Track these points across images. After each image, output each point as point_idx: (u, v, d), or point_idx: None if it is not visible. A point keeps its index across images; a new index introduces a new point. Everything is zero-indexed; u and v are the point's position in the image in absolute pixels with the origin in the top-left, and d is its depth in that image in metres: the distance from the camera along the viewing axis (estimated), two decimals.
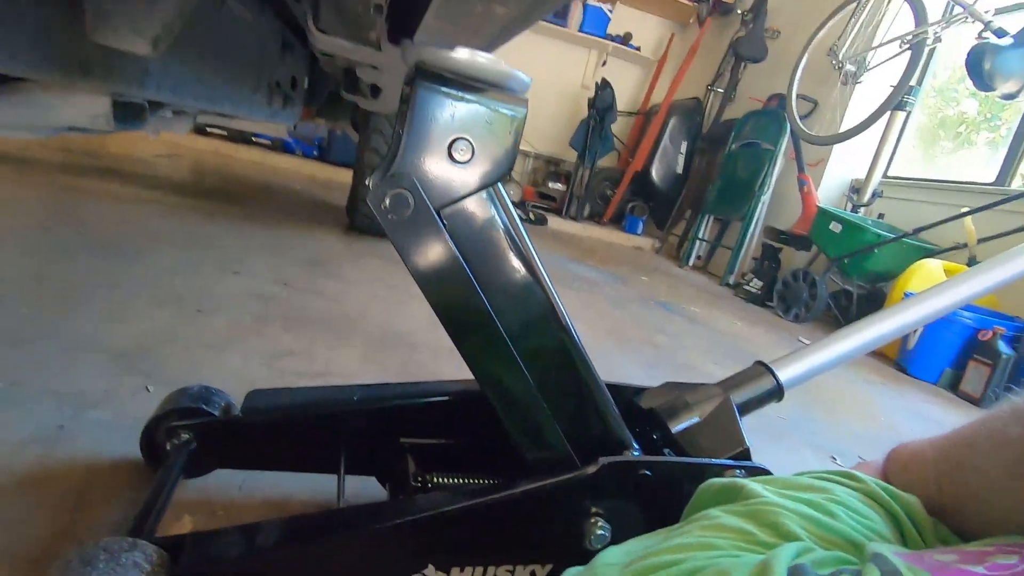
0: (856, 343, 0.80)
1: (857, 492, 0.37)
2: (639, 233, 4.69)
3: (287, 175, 3.64)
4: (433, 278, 0.53)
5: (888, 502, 0.37)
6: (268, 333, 1.14)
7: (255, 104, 0.94)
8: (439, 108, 0.48)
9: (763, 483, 0.39)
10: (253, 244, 1.80)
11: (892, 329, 0.80)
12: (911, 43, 2.80)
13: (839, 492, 0.37)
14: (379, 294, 1.58)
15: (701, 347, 1.94)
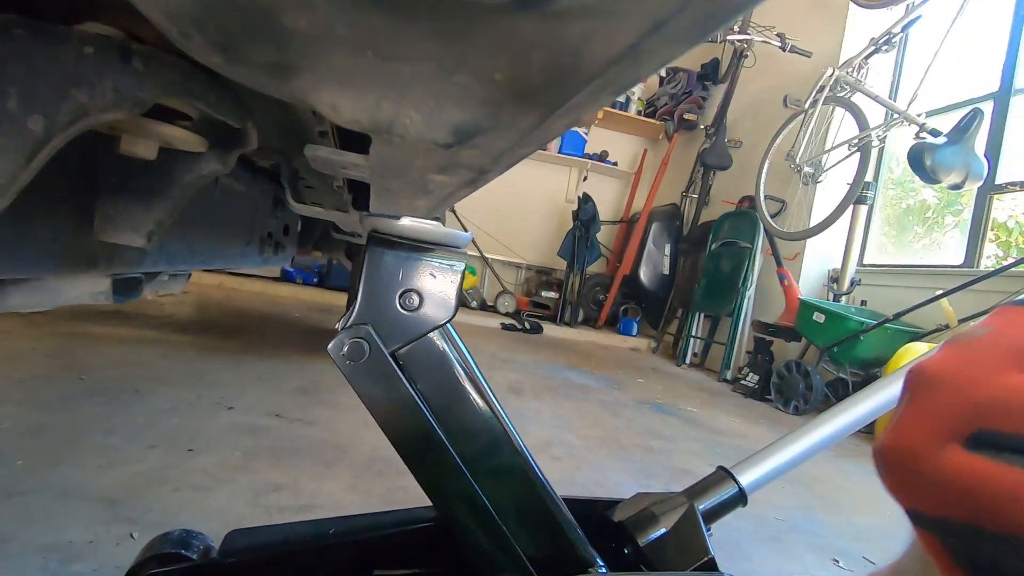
0: (817, 438, 0.83)
1: None
2: (634, 334, 4.75)
3: (287, 303, 3.79)
4: (391, 417, 0.59)
5: None
6: (256, 468, 1.17)
7: (247, 256, 1.04)
8: (389, 266, 0.57)
9: None
10: (249, 377, 1.86)
11: (856, 418, 0.83)
12: (858, 146, 3.06)
13: None
14: (370, 420, 1.59)
15: (697, 449, 1.92)
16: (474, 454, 0.63)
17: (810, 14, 3.98)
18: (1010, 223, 3.56)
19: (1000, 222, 3.42)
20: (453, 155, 0.24)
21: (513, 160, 0.27)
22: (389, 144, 0.24)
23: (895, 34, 3.03)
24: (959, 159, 2.52)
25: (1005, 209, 3.41)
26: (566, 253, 4.85)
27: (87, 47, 0.31)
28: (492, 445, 0.65)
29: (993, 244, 3.24)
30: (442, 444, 0.60)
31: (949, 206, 3.85)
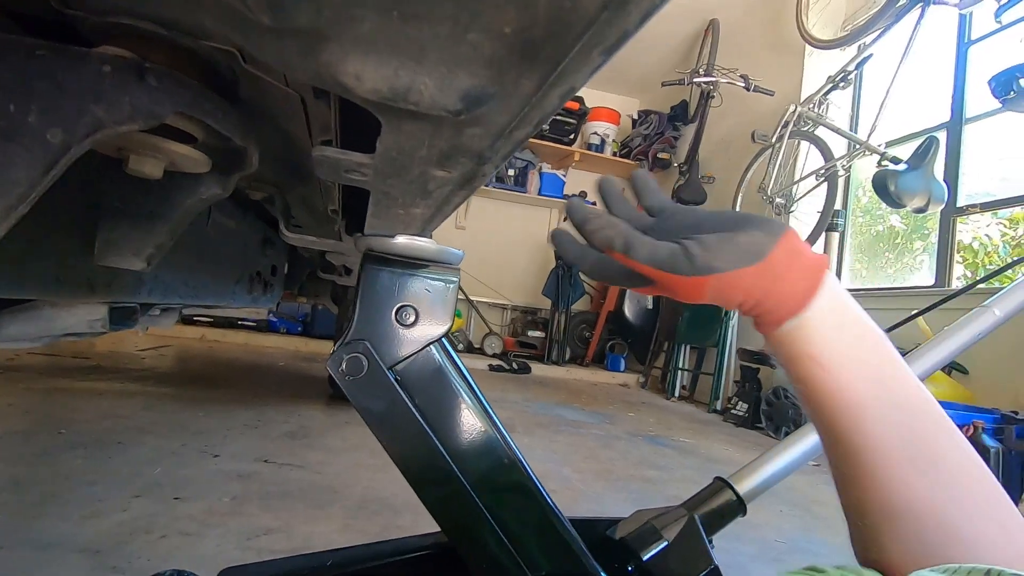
0: (808, 444, 0.84)
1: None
2: (622, 370, 4.75)
3: (272, 353, 3.74)
4: (390, 431, 0.59)
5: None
6: (246, 513, 1.13)
7: (237, 294, 1.05)
8: (384, 283, 0.59)
9: None
10: (235, 425, 1.82)
11: None
12: (825, 176, 3.19)
13: None
14: (362, 461, 1.57)
15: (693, 477, 1.91)
16: (475, 469, 0.63)
17: (770, 56, 4.21)
18: (975, 244, 3.70)
19: (965, 244, 3.56)
20: (456, 136, 0.26)
21: (509, 147, 0.29)
22: (399, 130, 0.27)
23: (850, 72, 3.22)
24: (920, 184, 2.64)
25: (969, 231, 3.56)
26: (550, 292, 4.89)
27: (105, 66, 0.33)
28: (493, 460, 0.65)
29: (960, 265, 3.36)
30: (443, 459, 0.60)
31: (916, 231, 3.99)
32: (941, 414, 0.38)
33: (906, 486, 0.36)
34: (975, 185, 3.39)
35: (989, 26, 2.71)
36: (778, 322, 0.38)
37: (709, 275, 0.37)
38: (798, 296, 0.37)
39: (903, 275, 3.71)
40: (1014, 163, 3.71)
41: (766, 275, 0.37)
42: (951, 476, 0.36)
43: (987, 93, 2.44)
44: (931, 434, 0.37)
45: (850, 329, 0.38)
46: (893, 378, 0.38)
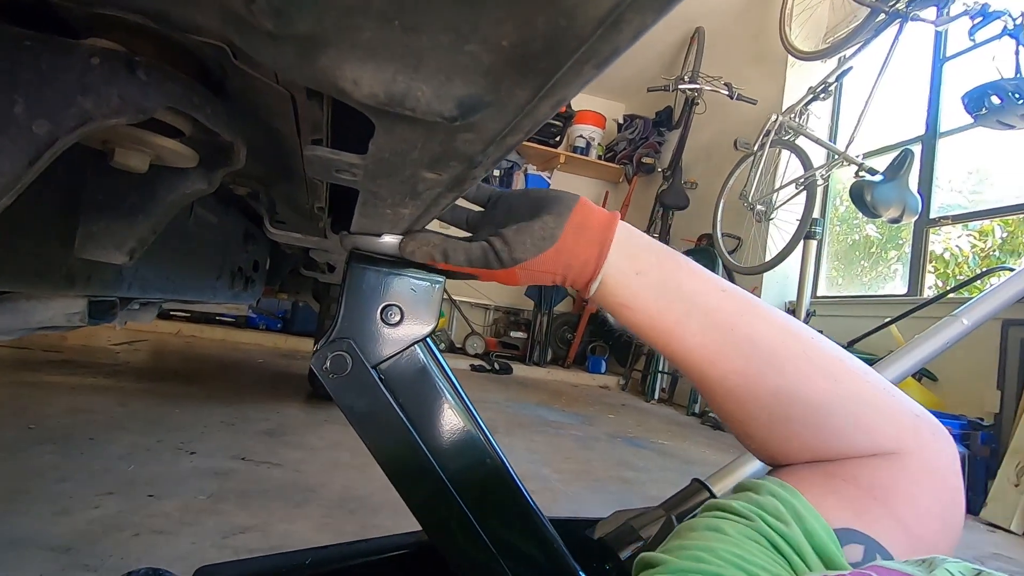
0: None
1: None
2: (603, 372, 4.79)
3: (251, 349, 3.69)
4: (373, 429, 0.59)
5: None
6: (222, 511, 1.12)
7: (218, 290, 1.04)
8: (370, 282, 0.59)
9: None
10: (212, 421, 1.80)
11: None
12: (804, 184, 3.25)
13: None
14: (341, 459, 1.56)
15: (672, 479, 1.93)
16: (458, 468, 0.63)
17: (754, 65, 4.28)
18: (946, 255, 3.81)
19: (937, 254, 3.67)
20: (449, 141, 0.27)
21: (500, 153, 0.30)
22: (392, 133, 0.27)
23: (830, 83, 3.29)
24: (895, 195, 2.71)
25: (940, 242, 3.66)
26: (533, 293, 4.91)
27: (94, 58, 0.33)
28: (475, 460, 0.65)
29: (932, 275, 3.45)
30: (426, 458, 0.61)
31: (891, 241, 4.09)
32: (747, 301, 0.43)
33: (739, 375, 0.41)
34: (947, 197, 3.50)
35: (964, 44, 2.80)
36: (585, 287, 0.45)
37: (515, 266, 0.44)
38: (591, 263, 0.43)
39: (878, 283, 3.80)
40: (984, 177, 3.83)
41: (561, 255, 0.44)
42: (772, 351, 0.41)
43: (960, 109, 2.51)
44: (742, 322, 0.42)
45: (646, 270, 0.44)
46: (694, 292, 0.43)
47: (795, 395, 0.39)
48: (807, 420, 0.39)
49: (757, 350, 0.41)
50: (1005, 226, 3.72)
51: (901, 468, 0.38)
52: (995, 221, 3.67)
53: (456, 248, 0.47)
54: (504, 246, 0.44)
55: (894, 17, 2.90)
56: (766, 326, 0.42)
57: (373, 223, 0.53)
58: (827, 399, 0.39)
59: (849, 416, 0.39)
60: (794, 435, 0.40)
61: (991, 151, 3.58)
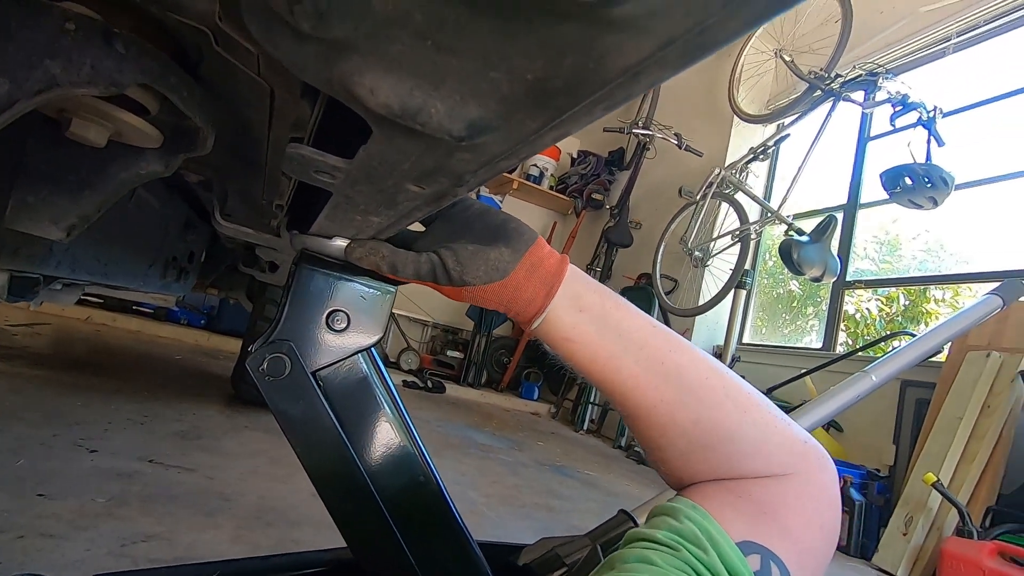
0: None
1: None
2: (535, 399, 4.81)
3: (169, 345, 3.46)
4: (305, 437, 0.57)
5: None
6: (123, 516, 1.03)
7: (149, 278, 0.98)
8: (318, 285, 0.57)
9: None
10: (118, 418, 1.66)
11: None
12: (739, 237, 3.46)
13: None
14: (260, 468, 1.48)
15: (595, 509, 1.95)
16: (390, 485, 0.62)
17: (703, 120, 4.54)
18: (857, 316, 4.14)
19: (850, 315, 3.97)
20: (444, 158, 0.27)
21: (490, 174, 0.31)
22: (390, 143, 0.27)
23: (769, 146, 3.54)
24: (818, 256, 2.92)
25: (853, 304, 3.97)
26: (474, 314, 4.90)
27: (69, 23, 0.32)
28: (409, 477, 0.64)
29: (844, 333, 3.73)
30: (358, 471, 0.59)
31: (810, 298, 4.40)
32: (675, 338, 0.47)
33: (666, 404, 0.44)
34: (861, 264, 3.81)
35: (885, 127, 3.09)
36: (527, 322, 0.46)
37: (462, 287, 0.45)
38: (538, 301, 0.45)
39: (797, 336, 4.06)
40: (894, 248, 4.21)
41: (507, 289, 0.45)
42: (696, 383, 0.45)
43: (878, 185, 2.77)
44: (671, 357, 0.45)
45: (588, 307, 0.46)
46: (631, 328, 0.46)
47: (712, 424, 0.43)
48: (719, 447, 0.43)
49: (683, 382, 0.44)
50: (908, 295, 4.10)
51: (790, 486, 0.43)
52: (900, 289, 4.03)
53: (405, 260, 0.47)
54: (456, 265, 0.45)
55: (829, 95, 3.17)
56: (691, 361, 0.46)
57: (338, 227, 0.53)
58: (737, 428, 0.44)
59: (753, 443, 0.44)
60: (705, 460, 0.44)
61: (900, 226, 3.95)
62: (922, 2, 3.28)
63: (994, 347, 2.28)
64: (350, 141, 0.34)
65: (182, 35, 0.41)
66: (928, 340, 1.12)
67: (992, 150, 3.05)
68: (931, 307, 4.04)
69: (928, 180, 2.57)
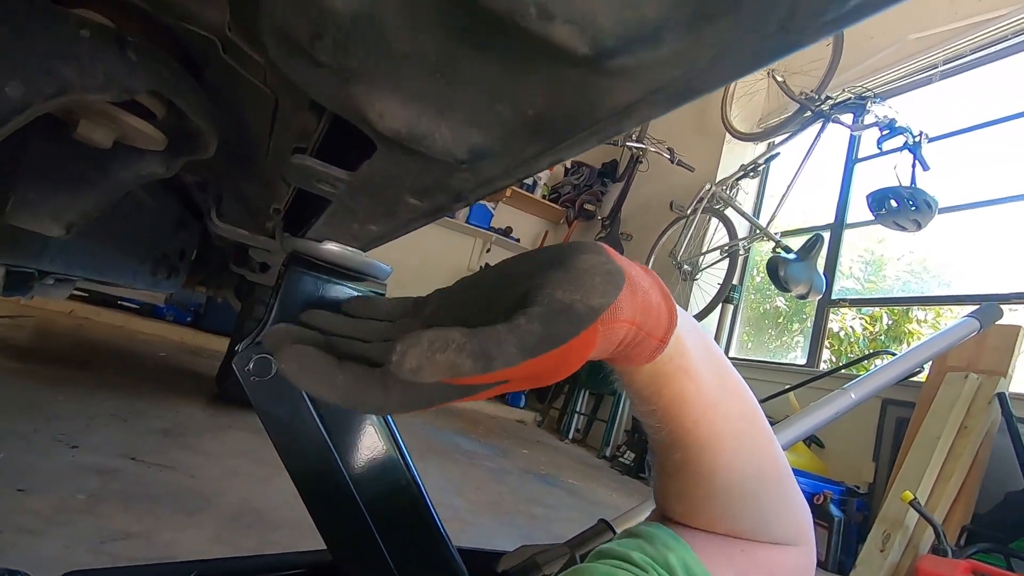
0: None
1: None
2: (521, 406, 4.81)
3: (153, 341, 3.42)
4: (289, 438, 0.57)
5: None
6: (103, 513, 1.02)
7: (140, 274, 0.98)
8: (307, 287, 0.58)
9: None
10: (100, 414, 1.65)
11: None
12: (728, 252, 3.50)
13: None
14: (241, 469, 1.47)
15: (577, 518, 1.96)
16: (372, 488, 0.63)
17: (695, 135, 4.61)
18: (841, 334, 4.20)
19: (834, 332, 4.03)
20: (444, 177, 0.29)
21: (486, 191, 0.32)
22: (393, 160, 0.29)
23: (760, 164, 3.60)
24: (805, 274, 2.97)
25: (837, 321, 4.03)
26: None
27: (84, 31, 0.33)
28: (391, 481, 0.65)
29: (828, 350, 3.78)
30: (340, 474, 0.60)
31: (796, 315, 4.46)
32: (753, 401, 0.41)
33: (731, 469, 0.38)
34: (846, 282, 3.87)
35: (873, 150, 3.16)
36: (662, 341, 0.33)
37: (596, 319, 0.29)
38: (664, 303, 0.33)
39: (782, 352, 4.11)
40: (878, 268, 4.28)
41: (636, 294, 0.31)
42: (762, 453, 0.40)
43: (864, 206, 2.82)
44: (751, 415, 0.40)
45: (697, 334, 0.38)
46: (726, 369, 0.40)
47: (759, 490, 0.40)
48: (744, 512, 0.40)
49: (755, 445, 0.39)
50: (891, 314, 4.17)
51: (790, 558, 0.42)
52: (884, 309, 4.10)
53: (500, 339, 0.27)
54: (571, 294, 0.28)
55: (818, 116, 3.23)
56: (758, 415, 0.40)
57: (335, 233, 0.54)
58: (774, 498, 0.41)
59: (770, 512, 0.41)
60: (727, 521, 0.40)
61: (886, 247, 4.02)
62: (910, 30, 3.36)
63: (972, 368, 2.33)
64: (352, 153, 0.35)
65: (190, 42, 0.42)
66: (906, 360, 1.15)
67: (975, 177, 3.13)
68: (913, 327, 4.11)
69: (913, 203, 2.62)
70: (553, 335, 0.27)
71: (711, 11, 0.12)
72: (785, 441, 1.04)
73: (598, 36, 0.13)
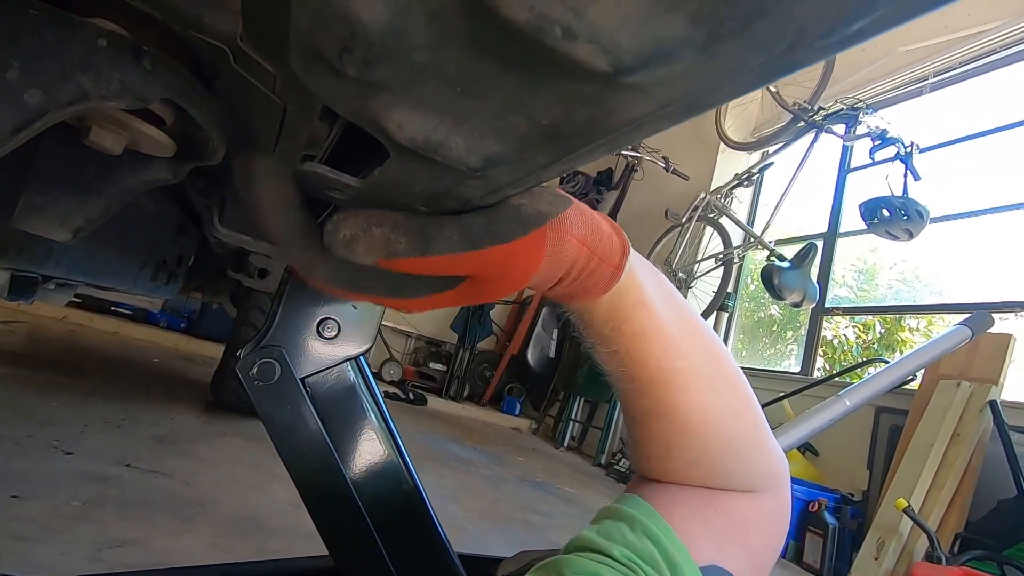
0: None
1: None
2: (517, 414, 4.81)
3: (147, 347, 3.40)
4: (292, 443, 0.58)
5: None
6: (98, 520, 1.02)
7: (139, 280, 0.98)
8: (311, 292, 0.59)
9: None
10: (95, 420, 1.64)
11: None
12: (723, 260, 3.53)
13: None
14: (238, 475, 1.47)
15: (573, 526, 1.96)
16: (374, 493, 0.63)
17: (690, 144, 4.64)
18: (835, 342, 4.23)
19: (827, 340, 4.06)
20: (456, 184, 0.30)
21: (495, 198, 0.33)
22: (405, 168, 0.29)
23: (754, 173, 3.63)
24: (799, 282, 2.99)
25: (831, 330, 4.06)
26: (458, 327, 4.90)
27: (101, 39, 0.33)
28: (392, 487, 0.65)
29: (822, 358, 3.81)
30: (342, 479, 0.60)
31: (790, 323, 4.49)
32: (716, 341, 0.41)
33: (704, 407, 0.38)
34: (839, 291, 3.91)
35: (865, 160, 3.20)
36: (617, 267, 0.32)
37: (543, 224, 0.28)
38: (617, 239, 0.32)
39: (776, 359, 4.13)
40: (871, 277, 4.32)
41: (585, 217, 0.30)
42: (734, 394, 0.40)
43: (857, 215, 2.85)
44: (718, 356, 0.39)
45: (651, 270, 0.37)
46: (686, 308, 0.39)
47: (734, 436, 0.40)
48: (727, 461, 0.40)
49: (728, 385, 0.39)
50: (884, 323, 4.20)
51: (765, 504, 0.42)
52: (877, 317, 4.13)
53: (443, 224, 0.27)
54: (520, 199, 0.28)
55: (811, 126, 3.27)
56: (729, 359, 0.40)
57: None
58: (749, 443, 0.41)
59: (752, 459, 0.41)
60: (707, 468, 0.40)
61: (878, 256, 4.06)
62: (901, 42, 3.41)
63: (965, 377, 2.35)
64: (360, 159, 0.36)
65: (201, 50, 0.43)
66: (900, 368, 1.17)
67: (966, 187, 3.17)
68: (906, 335, 4.15)
69: (904, 212, 2.66)
70: (498, 231, 0.27)
71: (725, 32, 0.13)
72: (785, 445, 1.05)
73: (617, 55, 0.14)
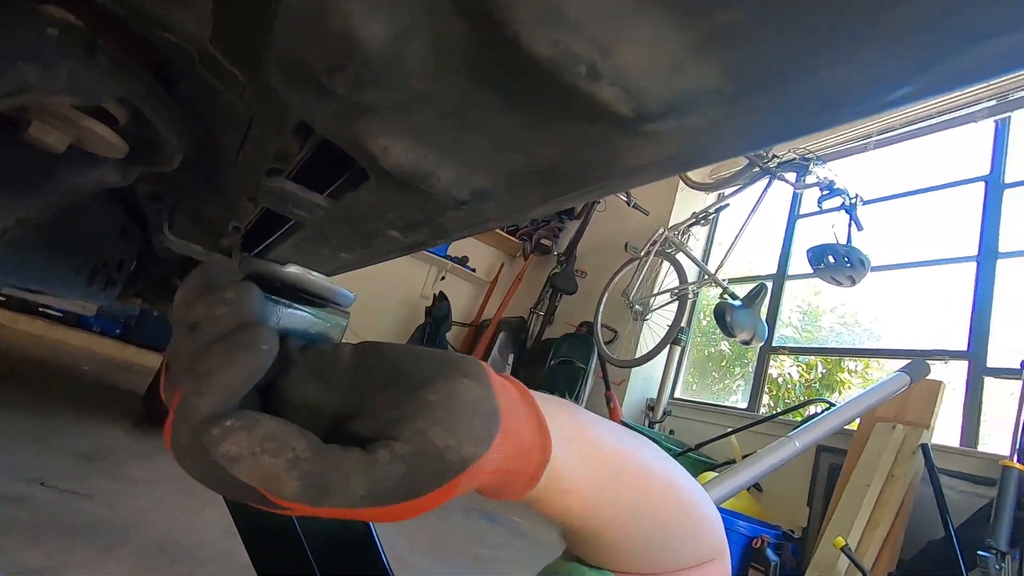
0: None
1: None
2: None
3: (77, 354, 3.18)
4: None
5: None
6: (7, 546, 0.92)
7: (73, 285, 0.91)
8: (265, 312, 0.55)
9: None
10: (9, 432, 1.50)
11: None
12: (678, 295, 3.61)
13: None
14: (169, 498, 1.37)
15: (522, 560, 1.92)
16: (320, 530, 0.59)
17: None
18: (779, 380, 4.37)
19: (773, 378, 4.19)
20: (436, 215, 0.28)
21: (473, 231, 0.32)
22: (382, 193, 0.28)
23: (710, 213, 3.76)
24: (749, 321, 3.09)
25: (776, 368, 4.20)
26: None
27: (51, 29, 0.30)
28: (340, 524, 0.61)
29: (767, 395, 3.93)
30: (289, 522, 0.56)
31: (739, 359, 4.62)
32: (644, 454, 0.40)
33: (632, 538, 0.39)
34: (785, 331, 4.06)
35: (813, 208, 3.37)
36: (532, 478, 0.30)
37: (462, 472, 0.26)
38: (538, 444, 0.30)
39: (724, 395, 4.23)
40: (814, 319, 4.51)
41: (510, 437, 0.28)
42: (664, 512, 0.40)
43: (804, 259, 2.99)
44: (646, 484, 0.39)
45: (577, 433, 0.35)
46: (615, 454, 0.37)
47: (661, 540, 0.40)
48: (661, 553, 0.41)
49: (656, 504, 0.39)
50: (825, 363, 4.38)
51: (715, 572, 0.43)
52: (819, 358, 4.31)
53: (348, 472, 0.23)
54: (446, 437, 0.25)
55: (765, 172, 3.43)
56: (655, 468, 0.40)
57: (302, 257, 0.52)
58: (680, 532, 0.41)
59: (688, 539, 0.42)
60: (644, 563, 0.40)
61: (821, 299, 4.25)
62: None
63: (899, 420, 2.46)
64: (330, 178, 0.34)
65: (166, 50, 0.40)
66: (847, 411, 1.20)
67: (904, 239, 3.38)
68: (844, 376, 4.33)
69: (848, 260, 2.80)
70: (412, 484, 0.24)
71: (758, 87, 0.12)
72: (736, 487, 1.06)
73: (641, 100, 0.13)
